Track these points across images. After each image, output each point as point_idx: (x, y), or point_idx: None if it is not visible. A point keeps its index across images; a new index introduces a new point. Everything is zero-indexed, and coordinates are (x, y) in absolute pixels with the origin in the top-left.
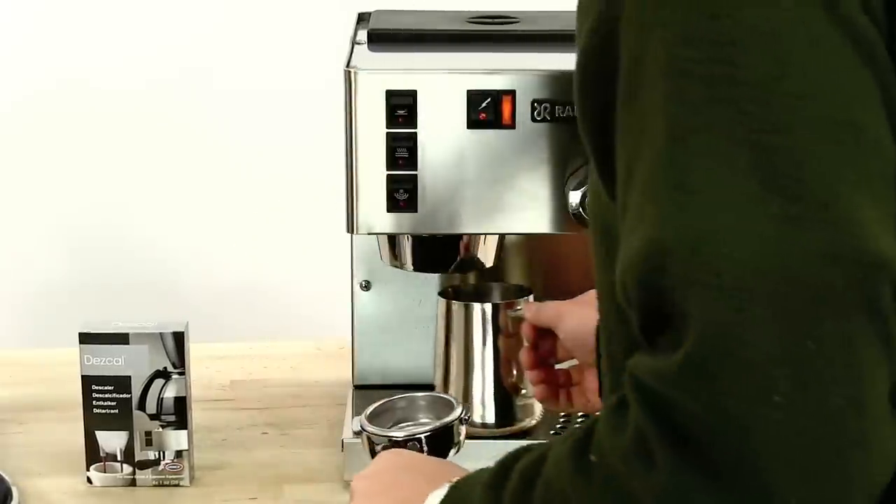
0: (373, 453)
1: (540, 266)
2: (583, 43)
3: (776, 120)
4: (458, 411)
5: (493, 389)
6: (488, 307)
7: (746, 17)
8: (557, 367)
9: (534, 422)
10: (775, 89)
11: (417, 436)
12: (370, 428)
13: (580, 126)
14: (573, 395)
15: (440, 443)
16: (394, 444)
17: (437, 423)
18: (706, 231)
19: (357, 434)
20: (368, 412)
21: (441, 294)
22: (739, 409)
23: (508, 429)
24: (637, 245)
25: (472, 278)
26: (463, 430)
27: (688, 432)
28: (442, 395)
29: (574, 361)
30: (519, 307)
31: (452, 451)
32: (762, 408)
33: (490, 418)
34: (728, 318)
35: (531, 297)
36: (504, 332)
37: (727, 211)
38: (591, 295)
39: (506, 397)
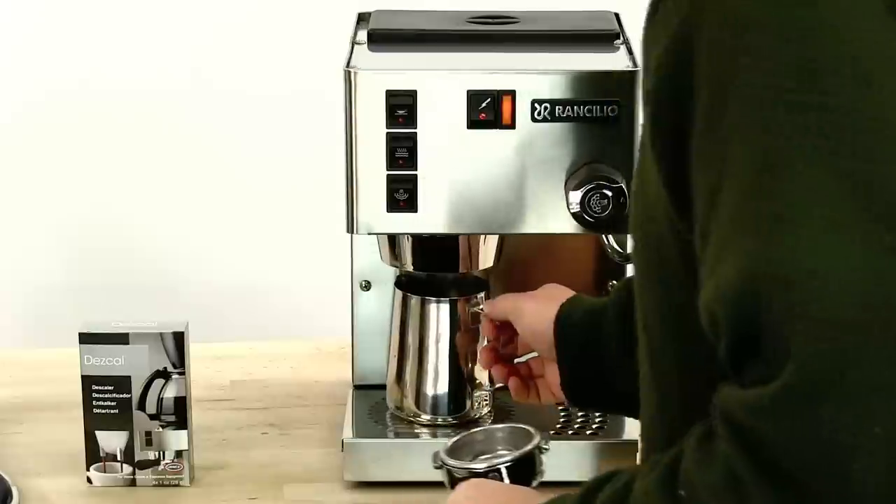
0: (453, 487)
1: (538, 266)
2: (654, 69)
3: (870, 147)
4: (536, 440)
5: (446, 381)
6: (445, 302)
7: (831, 42)
8: (517, 361)
9: (484, 412)
10: (866, 115)
11: (497, 466)
12: (451, 461)
13: (651, 152)
14: (539, 387)
15: (521, 472)
16: (474, 476)
17: (517, 453)
18: (806, 264)
19: (438, 468)
20: (448, 446)
21: (397, 285)
22: (839, 441)
23: (461, 419)
24: (729, 275)
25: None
26: (543, 458)
27: (783, 466)
28: (519, 425)
29: (533, 354)
30: (477, 302)
31: (534, 482)
32: (862, 439)
33: (443, 410)
34: (829, 350)
35: (483, 294)
36: (462, 327)
37: (826, 243)
38: (549, 289)
39: (458, 389)
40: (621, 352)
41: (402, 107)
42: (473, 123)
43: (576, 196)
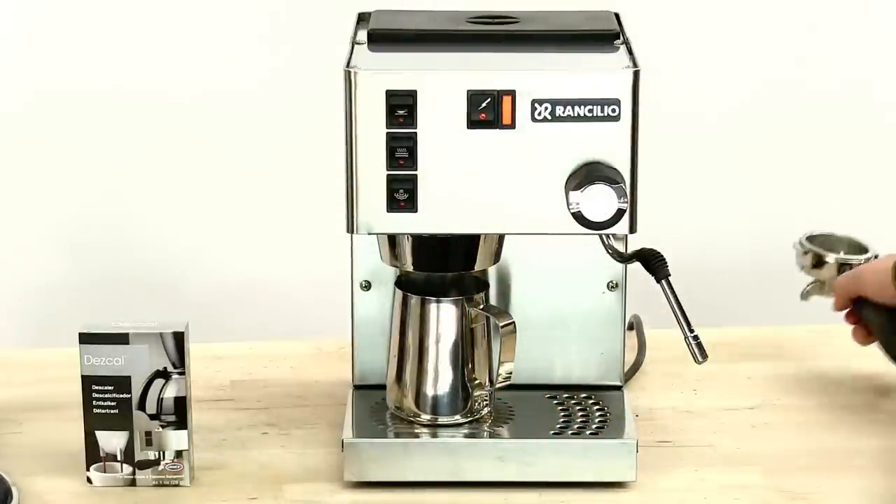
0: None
1: (538, 266)
2: None
3: None
4: None
5: (446, 381)
6: (445, 302)
7: None
8: None
9: (484, 412)
10: None
11: None
12: None
13: None
14: None
15: None
16: None
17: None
18: None
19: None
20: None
21: (397, 285)
22: None
23: (461, 419)
24: None
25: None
26: None
27: None
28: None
29: None
30: (478, 302)
31: None
32: None
33: (443, 410)
34: None
35: (483, 294)
36: (463, 326)
37: None
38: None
39: (458, 389)
40: None
41: (402, 107)
42: (473, 123)
43: (576, 196)
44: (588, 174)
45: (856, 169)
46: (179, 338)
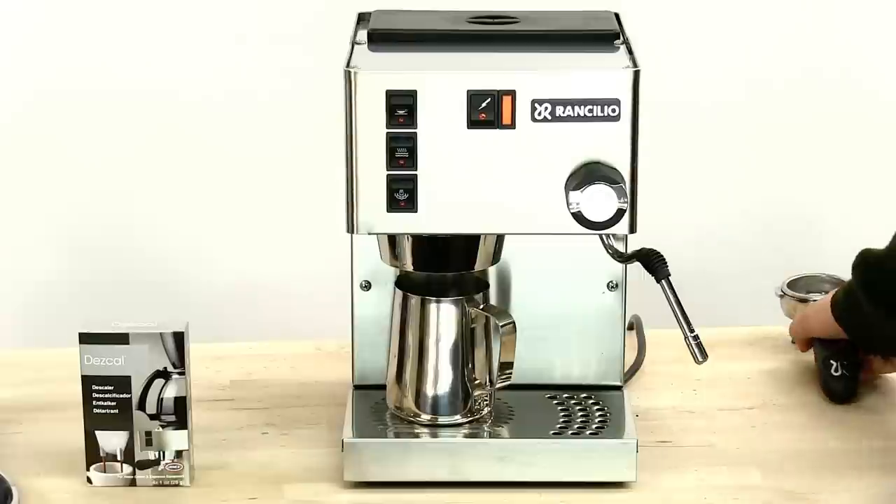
0: None
1: (538, 266)
2: None
3: None
4: None
5: (446, 381)
6: (445, 302)
7: None
8: None
9: (484, 412)
10: None
11: None
12: None
13: None
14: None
15: None
16: None
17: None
18: None
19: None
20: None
21: (397, 285)
22: None
23: (461, 419)
24: None
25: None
26: None
27: None
28: None
29: None
30: (477, 302)
31: None
32: None
33: (443, 410)
34: None
35: (482, 294)
36: (463, 326)
37: None
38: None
39: (458, 389)
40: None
41: (402, 107)
42: (473, 123)
43: (576, 196)
44: (588, 174)
45: (857, 169)
46: (179, 338)
